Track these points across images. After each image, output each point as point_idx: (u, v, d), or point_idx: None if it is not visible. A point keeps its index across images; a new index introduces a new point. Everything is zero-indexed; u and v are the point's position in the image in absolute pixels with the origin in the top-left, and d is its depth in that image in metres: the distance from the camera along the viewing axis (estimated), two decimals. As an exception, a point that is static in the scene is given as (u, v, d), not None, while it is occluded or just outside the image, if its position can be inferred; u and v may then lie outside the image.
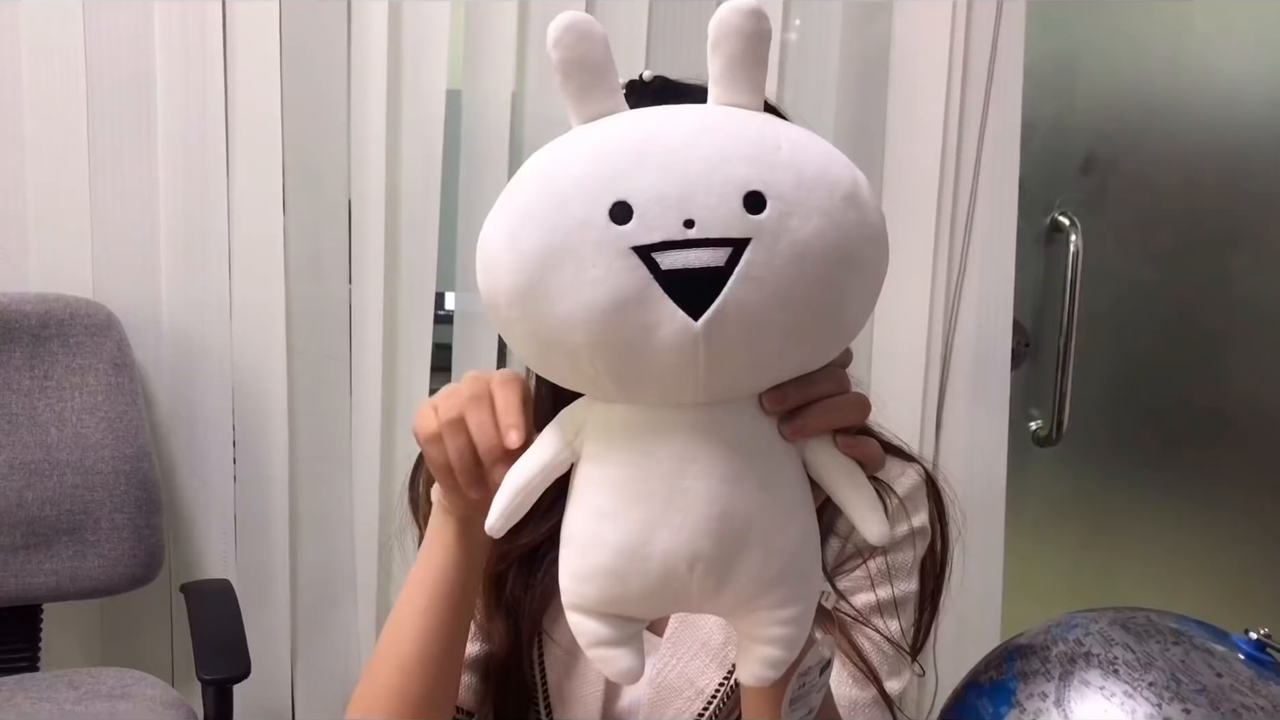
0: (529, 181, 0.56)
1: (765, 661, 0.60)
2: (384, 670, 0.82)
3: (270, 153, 1.67)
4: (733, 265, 0.51)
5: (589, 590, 0.59)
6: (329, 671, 1.83)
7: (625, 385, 0.56)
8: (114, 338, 1.64)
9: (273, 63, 1.65)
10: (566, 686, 0.93)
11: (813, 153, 0.55)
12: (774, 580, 0.58)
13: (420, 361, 1.76)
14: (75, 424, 1.61)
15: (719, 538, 0.56)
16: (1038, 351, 1.95)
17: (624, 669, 0.60)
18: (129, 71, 1.64)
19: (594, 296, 0.52)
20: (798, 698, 0.66)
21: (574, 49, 0.56)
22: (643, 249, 0.51)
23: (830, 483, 0.60)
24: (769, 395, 0.58)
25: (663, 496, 0.56)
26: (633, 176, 0.52)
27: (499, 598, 0.93)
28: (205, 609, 1.61)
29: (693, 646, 0.91)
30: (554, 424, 0.62)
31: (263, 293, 1.70)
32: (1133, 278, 1.98)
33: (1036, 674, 0.77)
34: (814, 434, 0.60)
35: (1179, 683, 0.73)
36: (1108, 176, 1.95)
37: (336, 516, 1.79)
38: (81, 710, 1.45)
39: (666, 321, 0.52)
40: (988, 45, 1.78)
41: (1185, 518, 2.07)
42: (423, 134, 1.70)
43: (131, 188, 1.66)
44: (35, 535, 1.59)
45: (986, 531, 1.83)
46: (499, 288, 0.56)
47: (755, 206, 0.52)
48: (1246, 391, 2.04)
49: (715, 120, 0.55)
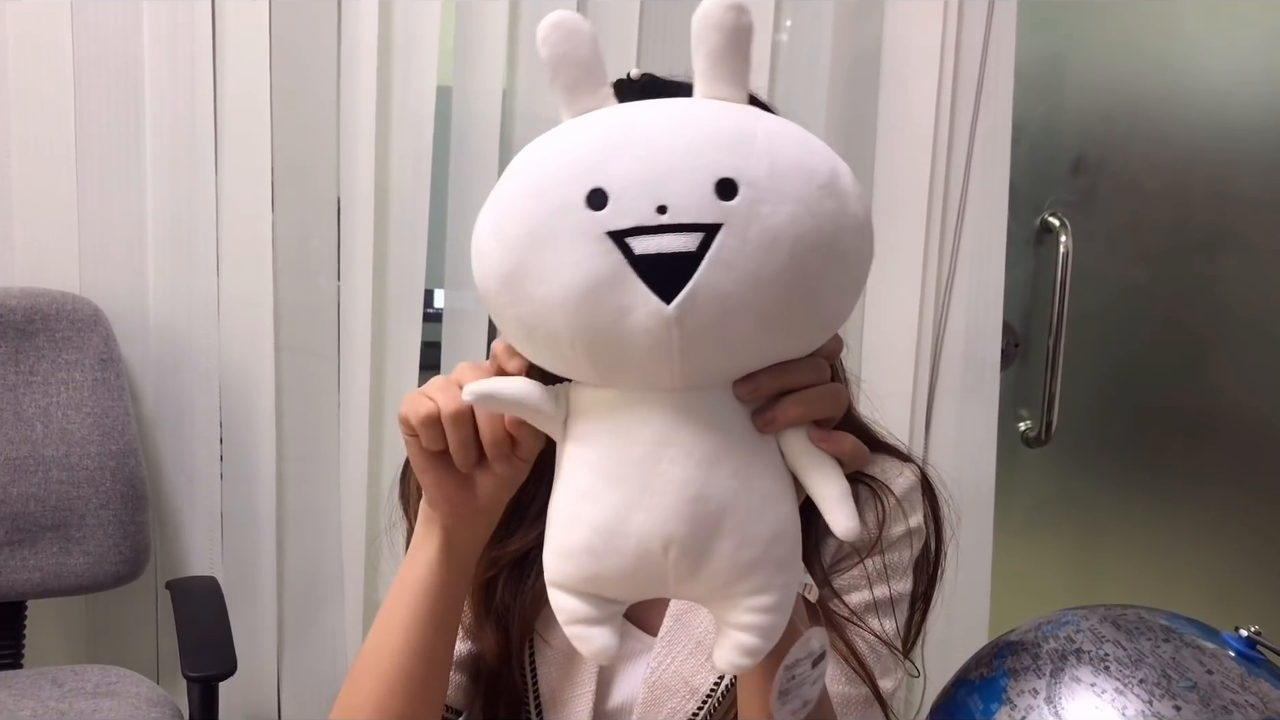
0: (515, 173, 0.58)
1: (740, 649, 0.60)
2: (366, 681, 0.80)
3: (259, 149, 1.66)
4: (704, 250, 0.52)
5: (568, 568, 0.60)
6: (315, 669, 1.82)
7: (603, 370, 0.57)
8: (100, 333, 1.63)
9: (262, 58, 1.64)
10: (559, 688, 0.93)
11: (790, 142, 0.56)
12: (748, 567, 0.58)
13: (409, 359, 1.75)
14: (61, 420, 1.60)
15: (693, 521, 0.57)
16: (1027, 352, 1.95)
17: (599, 648, 0.60)
18: (117, 66, 1.63)
19: (570, 280, 0.54)
20: (787, 690, 0.66)
21: (561, 46, 0.57)
22: (617, 234, 0.53)
23: (802, 474, 0.60)
24: (742, 384, 0.58)
25: (639, 479, 0.57)
26: (610, 164, 0.54)
27: (489, 605, 0.93)
28: (191, 606, 1.60)
29: (687, 645, 0.91)
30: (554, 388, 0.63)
31: (250, 289, 1.69)
32: (1122, 279, 1.98)
33: (1027, 671, 0.77)
34: (786, 426, 0.60)
35: (1170, 679, 0.73)
36: (1098, 178, 1.95)
37: (323, 514, 1.78)
38: (66, 708, 1.44)
39: (640, 305, 0.53)
40: (978, 47, 1.79)
41: (1173, 518, 2.08)
42: (412, 131, 1.70)
43: (119, 183, 1.65)
44: (20, 531, 1.58)
45: (975, 531, 1.84)
46: (488, 274, 0.58)
47: (727, 193, 0.53)
48: (1234, 393, 2.05)
49: (695, 112, 0.57)
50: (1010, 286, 1.84)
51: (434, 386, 0.69)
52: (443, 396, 0.67)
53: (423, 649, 0.79)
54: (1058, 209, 1.91)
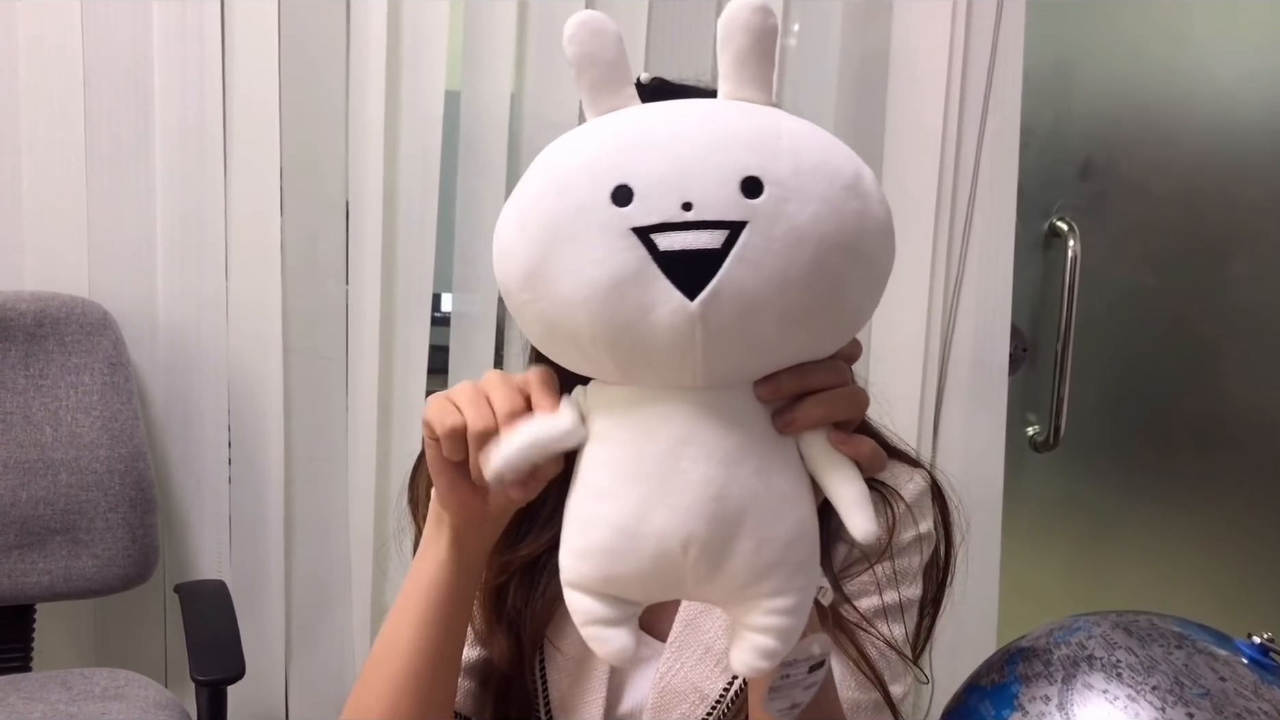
0: (539, 170, 0.58)
1: (758, 651, 0.59)
2: (376, 683, 0.81)
3: (268, 152, 1.66)
4: (729, 248, 0.52)
5: (586, 568, 0.60)
6: (323, 673, 1.82)
7: (625, 367, 0.57)
8: (109, 336, 1.63)
9: (271, 61, 1.64)
10: (570, 694, 0.92)
11: (814, 143, 0.56)
12: (768, 568, 0.58)
13: (417, 363, 1.75)
14: (70, 423, 1.60)
15: (713, 521, 0.57)
16: (1035, 356, 1.95)
17: (617, 648, 0.60)
18: (126, 69, 1.63)
19: (594, 276, 0.54)
20: (779, 688, 0.66)
21: (588, 45, 0.58)
22: (641, 230, 0.53)
23: (820, 476, 0.60)
24: (762, 384, 0.58)
25: (660, 477, 0.57)
26: (635, 161, 0.54)
27: (500, 610, 0.92)
28: (199, 610, 1.60)
29: (697, 651, 0.91)
30: (567, 400, 0.63)
31: (259, 292, 1.70)
32: (1130, 283, 1.98)
33: (1039, 677, 0.77)
34: (806, 428, 0.59)
35: (1182, 686, 0.72)
36: (1106, 182, 1.95)
37: (332, 518, 1.78)
38: (74, 711, 1.44)
39: (663, 302, 0.53)
40: (987, 50, 1.78)
41: (1181, 523, 2.07)
42: (421, 134, 1.70)
43: (128, 186, 1.65)
44: (29, 534, 1.58)
45: (983, 536, 1.83)
46: (510, 270, 0.58)
47: (752, 191, 0.53)
48: (1242, 397, 2.04)
49: (720, 111, 0.57)
50: (1018, 290, 1.84)
51: (463, 397, 0.66)
52: (471, 412, 0.65)
53: (433, 648, 0.79)
54: (1066, 213, 1.91)
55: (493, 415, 0.65)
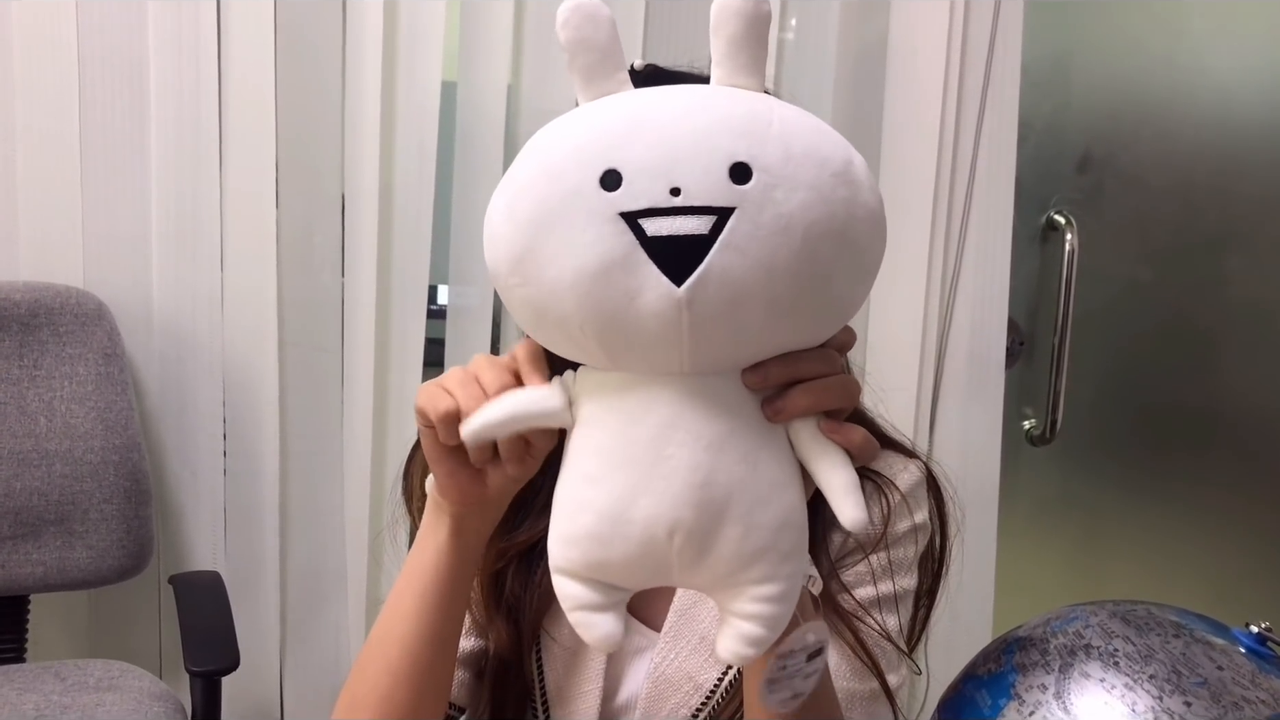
0: (528, 155, 0.58)
1: (744, 639, 0.59)
2: (372, 670, 0.80)
3: (263, 144, 1.66)
4: (717, 234, 0.52)
5: (573, 554, 0.60)
6: (318, 664, 1.82)
7: (613, 352, 0.57)
8: (104, 327, 1.62)
9: (267, 53, 1.64)
10: (566, 684, 0.92)
11: (804, 130, 0.56)
12: (754, 555, 0.57)
13: (412, 355, 1.75)
14: (64, 414, 1.60)
15: (699, 507, 0.56)
16: (1032, 350, 1.95)
17: (603, 634, 0.60)
18: (122, 60, 1.63)
19: (582, 261, 0.54)
20: (776, 679, 0.65)
21: (581, 29, 0.58)
22: (629, 215, 0.53)
23: (810, 464, 0.60)
24: (750, 372, 0.58)
25: (647, 463, 0.57)
26: (624, 146, 0.54)
27: (498, 598, 0.92)
28: (194, 601, 1.60)
29: (691, 641, 0.90)
30: (557, 381, 0.63)
31: (255, 284, 1.69)
32: (1128, 277, 1.98)
33: (1036, 666, 0.77)
34: (795, 416, 0.59)
35: (1180, 675, 0.72)
36: (1103, 176, 1.95)
37: (327, 510, 1.78)
38: (69, 702, 1.44)
39: (651, 287, 0.53)
40: (985, 44, 1.78)
41: (1177, 517, 2.07)
42: (417, 126, 1.69)
43: (124, 177, 1.65)
44: (23, 525, 1.58)
45: (979, 529, 1.84)
46: (500, 255, 0.58)
47: (741, 177, 0.53)
48: (1239, 392, 2.04)
49: (710, 97, 0.57)
50: (1015, 284, 1.84)
51: (452, 380, 0.67)
52: (462, 394, 0.65)
53: (430, 636, 0.79)
54: (1063, 207, 1.91)
55: (484, 395, 0.64)
